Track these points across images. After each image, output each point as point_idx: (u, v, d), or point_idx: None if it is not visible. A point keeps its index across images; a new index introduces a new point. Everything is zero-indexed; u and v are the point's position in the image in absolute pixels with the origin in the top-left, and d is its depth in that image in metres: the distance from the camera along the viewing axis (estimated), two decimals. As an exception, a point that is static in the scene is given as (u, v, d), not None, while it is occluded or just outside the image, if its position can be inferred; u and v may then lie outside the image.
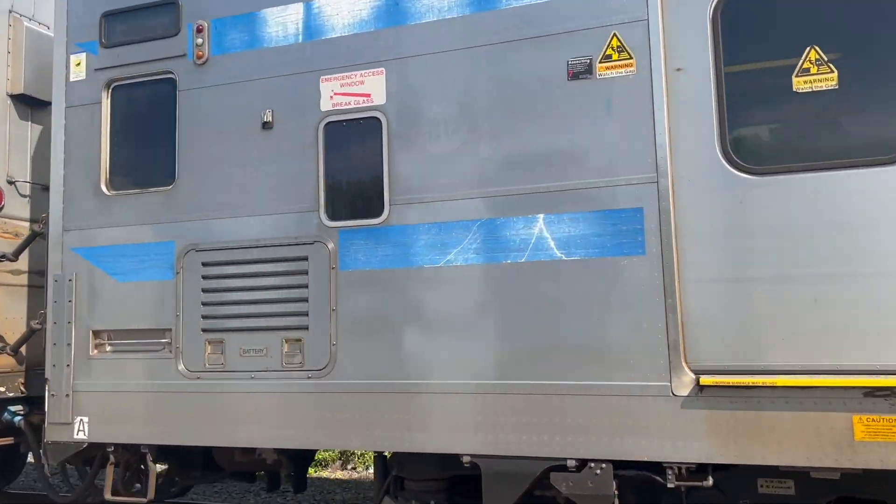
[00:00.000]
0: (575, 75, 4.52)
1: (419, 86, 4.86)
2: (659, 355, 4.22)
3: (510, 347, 4.51)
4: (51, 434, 5.60)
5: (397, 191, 4.84)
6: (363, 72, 5.00)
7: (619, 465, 4.33)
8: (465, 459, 4.56)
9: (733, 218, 4.21)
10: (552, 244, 4.47)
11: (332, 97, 5.06)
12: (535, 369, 4.45)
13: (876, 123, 4.00)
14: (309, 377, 4.94)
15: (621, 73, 4.43)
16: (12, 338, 6.45)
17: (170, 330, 5.34)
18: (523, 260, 4.53)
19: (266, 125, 5.20)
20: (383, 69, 4.95)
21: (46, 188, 6.80)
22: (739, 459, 4.05)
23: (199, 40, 5.44)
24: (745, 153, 4.25)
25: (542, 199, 4.52)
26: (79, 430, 5.52)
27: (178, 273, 5.35)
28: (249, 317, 5.13)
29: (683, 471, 4.16)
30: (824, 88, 4.09)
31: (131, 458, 5.69)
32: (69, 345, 5.61)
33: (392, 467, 5.15)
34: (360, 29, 5.04)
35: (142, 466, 5.67)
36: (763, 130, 4.26)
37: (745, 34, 4.31)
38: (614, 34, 4.46)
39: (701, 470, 4.20)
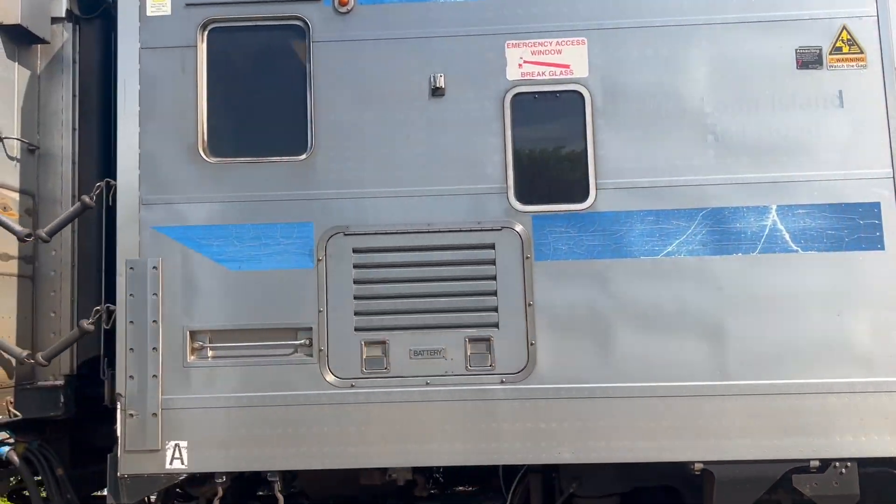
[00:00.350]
0: (804, 64, 4.40)
1: (629, 60, 4.45)
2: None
3: (743, 346, 4.25)
4: (129, 465, 4.34)
5: (605, 174, 4.39)
6: (560, 40, 4.48)
7: (860, 463, 4.25)
8: (697, 467, 4.22)
9: (953, 216, 4.33)
10: (787, 237, 4.30)
11: (520, 65, 4.48)
12: (772, 369, 4.23)
13: None
14: (502, 381, 4.30)
15: (852, 66, 4.38)
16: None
17: (308, 329, 4.38)
18: (756, 253, 4.31)
19: (437, 91, 4.46)
20: (585, 39, 4.47)
21: (33, 149, 5.35)
22: None
23: (344, -17, 4.55)
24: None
25: (774, 190, 4.33)
26: (174, 458, 4.34)
27: (319, 260, 4.41)
28: (420, 313, 4.36)
29: (932, 465, 4.19)
30: None
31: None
32: (155, 350, 4.39)
33: (566, 486, 4.63)
34: (553, -9, 4.52)
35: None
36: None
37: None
38: (844, 27, 4.41)
39: (939, 463, 4.26)
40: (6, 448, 5.00)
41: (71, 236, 5.33)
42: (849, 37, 4.40)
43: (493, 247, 4.38)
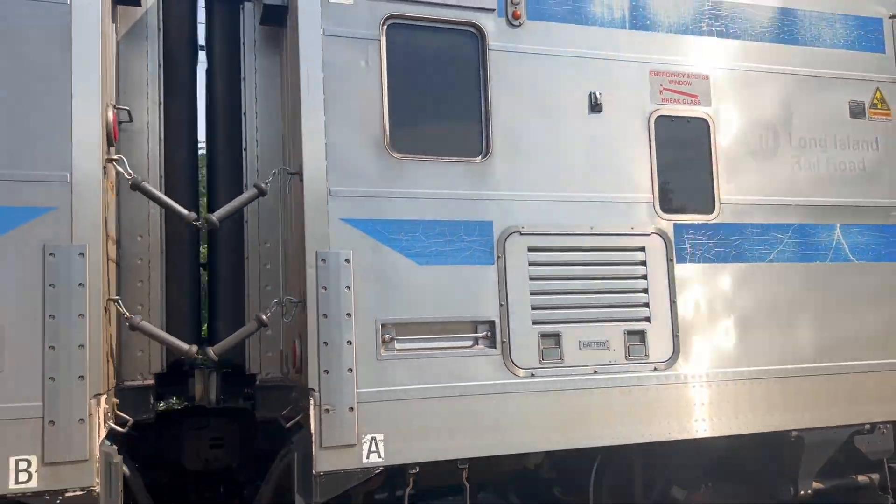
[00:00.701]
0: (854, 114, 5.60)
1: (741, 96, 5.31)
2: (916, 338, 5.56)
3: (824, 336, 5.30)
4: (324, 462, 4.23)
5: (726, 191, 5.20)
6: (690, 73, 5.21)
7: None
8: (794, 434, 5.19)
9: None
10: (847, 249, 5.45)
11: (661, 91, 5.13)
12: (838, 353, 5.33)
13: None
14: (655, 369, 4.91)
15: (883, 120, 5.67)
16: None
17: (490, 322, 4.61)
18: (827, 261, 5.40)
19: (595, 107, 4.95)
20: (709, 75, 5.25)
21: (120, 122, 4.89)
22: None
23: (516, -1, 4.85)
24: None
25: (838, 212, 5.46)
26: (371, 452, 4.31)
27: (499, 258, 4.66)
28: (586, 308, 4.81)
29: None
30: None
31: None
32: (350, 343, 4.33)
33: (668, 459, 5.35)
34: (684, 32, 5.24)
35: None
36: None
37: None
38: (878, 88, 5.68)
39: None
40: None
41: (160, 219, 4.94)
42: (881, 96, 5.68)
43: (643, 250, 4.97)
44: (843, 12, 5.66)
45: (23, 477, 3.77)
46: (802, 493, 5.27)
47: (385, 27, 4.61)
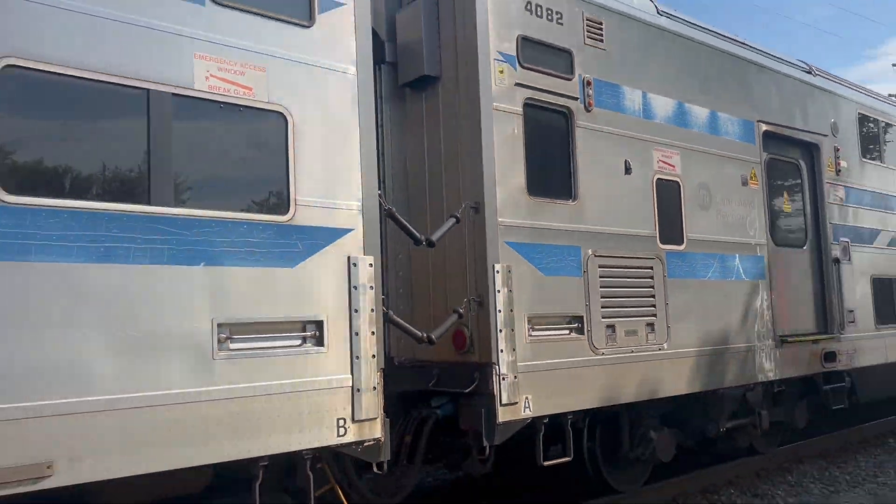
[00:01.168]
0: (743, 183, 8.61)
1: (693, 166, 8.00)
2: (770, 329, 8.70)
3: (731, 326, 8.18)
4: (504, 415, 5.96)
5: (689, 230, 7.84)
6: (671, 151, 7.77)
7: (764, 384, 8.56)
8: (720, 391, 7.96)
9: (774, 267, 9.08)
10: (742, 272, 8.41)
11: (658, 162, 7.61)
12: (738, 337, 8.26)
13: None
14: (658, 349, 7.34)
15: (755, 189, 8.78)
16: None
17: (580, 317, 6.67)
18: (733, 279, 8.30)
19: (628, 170, 7.27)
20: (679, 153, 7.86)
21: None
22: (797, 373, 8.89)
23: (590, 91, 6.98)
24: (776, 234, 9.17)
25: (737, 247, 8.41)
26: (525, 408, 6.12)
27: (585, 272, 6.75)
28: (628, 307, 7.09)
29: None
30: None
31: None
32: (513, 330, 6.10)
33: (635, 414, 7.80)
34: (667, 122, 7.78)
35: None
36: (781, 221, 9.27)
37: (776, 181, 9.26)
38: (753, 168, 8.78)
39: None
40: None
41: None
42: (754, 173, 8.78)
43: (652, 268, 7.38)
44: (737, 116, 8.67)
45: (341, 432, 5.01)
46: (721, 430, 8.09)
47: (522, 106, 6.46)
